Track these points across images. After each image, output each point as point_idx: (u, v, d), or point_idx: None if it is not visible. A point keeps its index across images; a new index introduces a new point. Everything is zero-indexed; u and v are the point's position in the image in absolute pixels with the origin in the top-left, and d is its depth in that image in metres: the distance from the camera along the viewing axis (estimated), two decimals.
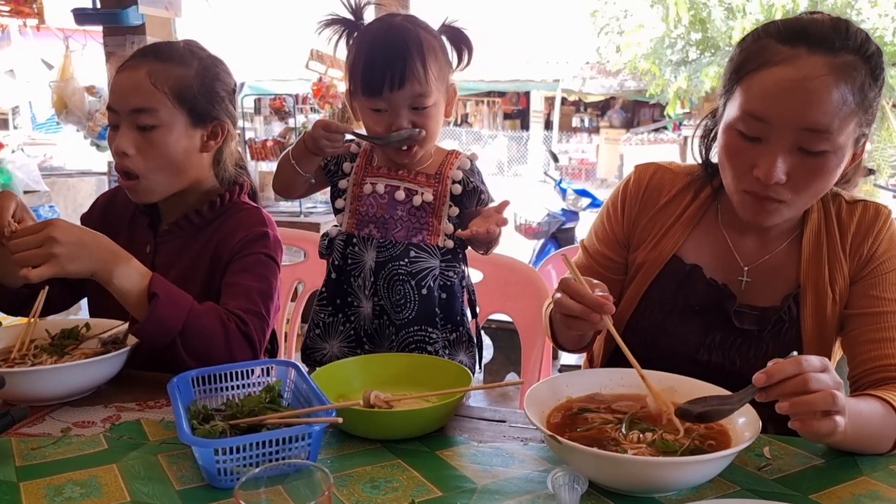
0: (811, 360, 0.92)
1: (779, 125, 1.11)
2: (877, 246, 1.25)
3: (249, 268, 1.45)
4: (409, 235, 1.44)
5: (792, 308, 1.28)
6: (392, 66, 1.32)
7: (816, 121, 1.08)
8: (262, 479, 0.80)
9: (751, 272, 1.31)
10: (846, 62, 1.09)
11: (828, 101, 1.08)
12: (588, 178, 15.55)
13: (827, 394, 0.90)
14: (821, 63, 1.09)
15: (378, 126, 1.39)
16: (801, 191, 1.15)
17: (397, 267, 1.43)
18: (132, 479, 1.00)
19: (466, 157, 1.51)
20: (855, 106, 1.10)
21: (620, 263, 1.42)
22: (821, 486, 0.99)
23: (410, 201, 1.44)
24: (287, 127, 5.25)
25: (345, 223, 1.49)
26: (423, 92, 1.35)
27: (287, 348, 2.17)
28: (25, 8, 3.89)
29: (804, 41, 1.11)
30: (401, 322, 1.45)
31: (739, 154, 1.17)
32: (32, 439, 1.12)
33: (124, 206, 1.61)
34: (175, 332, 1.29)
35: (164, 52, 1.48)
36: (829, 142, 1.10)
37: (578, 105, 19.05)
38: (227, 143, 1.56)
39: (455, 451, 1.09)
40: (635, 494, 0.96)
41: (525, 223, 6.56)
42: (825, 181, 1.15)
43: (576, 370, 1.36)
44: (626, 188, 1.42)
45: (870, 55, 1.12)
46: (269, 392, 1.15)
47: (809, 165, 1.12)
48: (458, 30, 1.42)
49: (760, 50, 1.14)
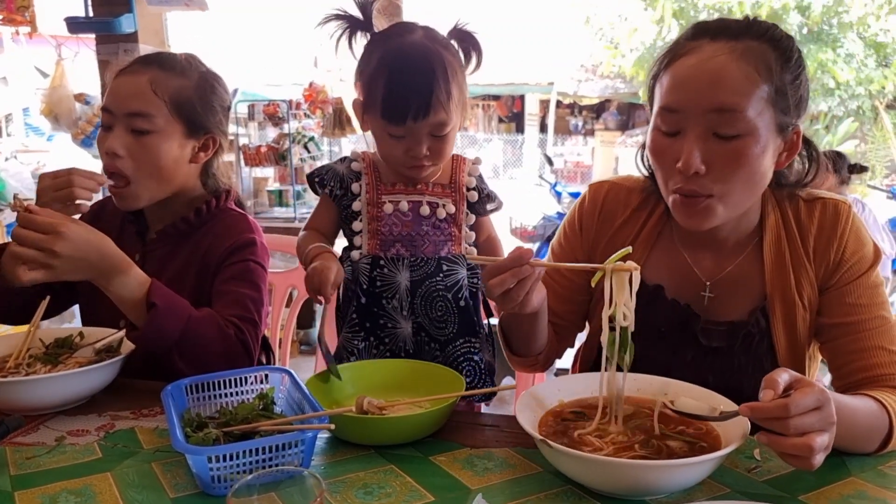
0: (801, 401, 0.89)
1: (689, 112, 1.12)
2: (843, 248, 1.23)
3: (240, 275, 1.46)
4: (437, 250, 1.42)
5: (760, 320, 1.26)
6: (418, 97, 1.28)
7: (722, 100, 1.09)
8: (255, 486, 0.81)
9: (713, 287, 1.29)
10: (749, 46, 1.11)
11: (730, 79, 1.09)
12: (584, 180, 15.56)
13: (803, 444, 0.89)
14: (721, 46, 1.12)
15: (395, 151, 1.36)
16: (725, 180, 1.13)
17: (434, 283, 1.41)
18: (126, 487, 1.00)
19: (473, 163, 1.50)
20: (766, 86, 1.10)
21: (581, 285, 1.40)
22: (810, 487, 1.00)
23: (434, 215, 1.42)
24: (281, 132, 5.26)
25: (365, 245, 1.43)
26: (446, 120, 1.32)
27: (282, 354, 2.17)
28: (18, 16, 3.88)
29: (706, 34, 1.15)
30: (445, 338, 1.43)
31: (663, 152, 1.17)
32: (27, 448, 1.12)
33: (113, 216, 1.62)
34: (172, 341, 1.29)
35: (167, 61, 1.50)
36: (741, 123, 1.09)
37: (573, 108, 19.07)
38: (217, 156, 1.58)
39: (448, 457, 1.10)
40: (626, 497, 0.97)
41: (520, 226, 6.58)
42: (747, 167, 1.13)
43: (568, 374, 1.36)
44: (582, 209, 1.40)
45: (777, 39, 1.14)
46: (262, 399, 1.15)
47: (727, 151, 1.11)
48: (469, 33, 1.39)
49: (671, 50, 1.18)
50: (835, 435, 0.93)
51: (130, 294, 1.30)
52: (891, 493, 0.99)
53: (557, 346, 1.44)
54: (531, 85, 16.78)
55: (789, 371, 0.95)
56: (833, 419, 0.92)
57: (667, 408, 1.07)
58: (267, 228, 1.60)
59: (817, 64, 11.72)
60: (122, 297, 1.30)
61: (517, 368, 1.46)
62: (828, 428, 0.91)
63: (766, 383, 0.92)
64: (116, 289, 1.29)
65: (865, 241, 1.24)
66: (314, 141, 5.32)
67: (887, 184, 11.33)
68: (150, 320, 1.28)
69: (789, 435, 0.90)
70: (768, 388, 0.91)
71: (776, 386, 0.91)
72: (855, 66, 11.97)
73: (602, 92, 16.08)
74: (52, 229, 1.20)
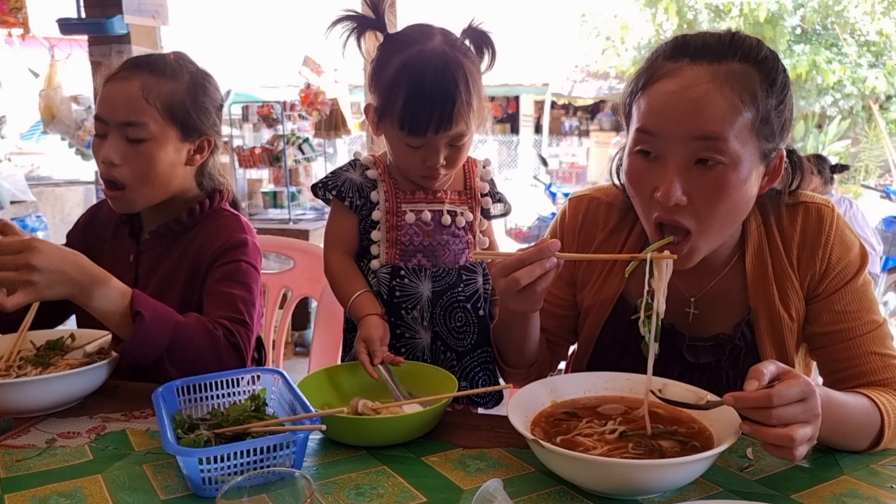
0: (785, 392, 0.90)
1: (669, 138, 1.07)
2: (828, 255, 1.19)
3: (231, 275, 1.45)
4: (456, 259, 1.40)
5: (746, 333, 1.25)
6: (440, 110, 1.25)
7: (704, 128, 1.04)
8: (245, 487, 0.80)
9: (698, 303, 1.27)
10: (731, 69, 1.06)
11: (713, 107, 1.04)
12: (579, 181, 15.59)
13: (785, 435, 0.89)
14: (703, 71, 1.06)
15: (411, 160, 1.34)
16: (707, 212, 1.09)
17: (455, 294, 1.39)
18: (117, 489, 1.00)
19: (484, 167, 1.48)
20: (750, 114, 1.05)
21: (567, 301, 1.39)
22: (802, 486, 1.00)
23: (454, 223, 1.40)
24: (276, 134, 5.25)
25: (383, 254, 1.40)
26: (466, 132, 1.31)
27: (275, 356, 2.17)
28: (10, 18, 3.88)
29: (686, 54, 1.08)
30: (463, 349, 1.41)
31: (641, 177, 1.13)
32: (17, 451, 1.12)
33: (108, 217, 1.62)
34: (162, 349, 1.28)
35: (156, 65, 1.48)
36: (724, 152, 1.05)
37: (568, 108, 19.08)
38: (212, 157, 1.58)
39: (441, 457, 1.09)
40: (619, 497, 0.97)
41: (515, 227, 6.59)
42: (730, 199, 1.09)
43: (560, 375, 1.36)
44: (563, 225, 1.39)
45: (761, 59, 1.08)
46: (254, 400, 1.15)
47: (709, 181, 1.07)
48: (484, 33, 1.35)
49: (649, 69, 1.12)
50: (821, 431, 0.93)
51: (114, 306, 1.26)
52: (883, 491, 0.99)
53: (551, 358, 1.43)
54: (526, 86, 16.79)
55: (776, 362, 0.95)
56: (817, 412, 0.92)
57: (655, 396, 1.07)
58: (261, 230, 1.59)
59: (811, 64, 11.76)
60: (105, 311, 1.26)
61: (512, 381, 1.42)
62: (811, 420, 0.92)
63: (752, 373, 0.93)
64: (99, 303, 1.25)
65: (851, 245, 1.21)
66: (308, 142, 5.32)
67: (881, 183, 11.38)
68: (138, 331, 1.25)
69: (772, 425, 0.90)
70: (753, 379, 0.92)
71: (761, 377, 0.92)
72: (848, 66, 12.02)
73: (597, 93, 16.11)
74: (24, 246, 1.17)
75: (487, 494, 0.89)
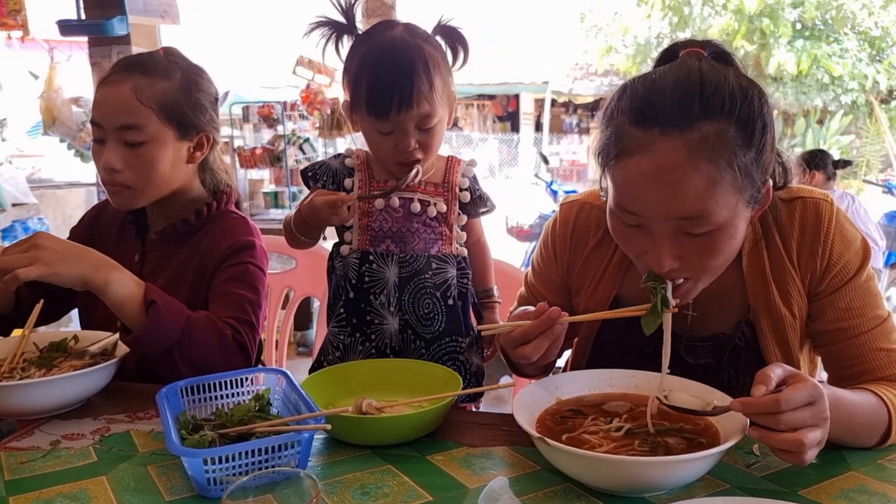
0: (793, 397, 0.88)
1: (651, 217, 1.03)
2: (829, 252, 1.17)
3: (239, 277, 1.45)
4: (426, 248, 1.43)
5: (746, 332, 1.23)
6: (400, 89, 1.29)
7: (686, 210, 1.00)
8: (251, 487, 0.80)
9: (696, 305, 1.24)
10: (705, 135, 0.97)
11: (692, 189, 0.98)
12: (579, 179, 15.58)
13: (794, 440, 0.88)
14: (676, 146, 0.98)
15: (384, 147, 1.38)
16: (700, 269, 1.08)
17: (423, 281, 1.42)
18: (122, 490, 1.00)
19: (467, 164, 1.50)
20: (730, 176, 0.99)
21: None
22: (810, 482, 0.99)
23: (425, 213, 1.43)
24: (276, 134, 5.25)
25: (355, 240, 1.44)
26: (431, 112, 1.33)
27: (278, 355, 2.17)
28: (10, 20, 3.87)
29: (655, 122, 0.99)
30: (431, 336, 1.43)
31: (629, 241, 1.10)
32: (21, 453, 1.11)
33: (113, 217, 1.62)
34: (173, 339, 1.28)
35: (147, 65, 1.46)
36: (709, 222, 1.01)
37: (568, 106, 19.10)
38: (212, 152, 1.57)
39: (446, 456, 1.09)
40: (625, 494, 0.96)
41: (517, 225, 6.58)
42: (724, 254, 1.07)
43: (565, 372, 1.35)
44: (554, 231, 1.38)
45: (737, 108, 0.99)
46: (258, 400, 1.15)
47: (699, 245, 1.04)
48: (454, 29, 1.40)
49: (617, 134, 1.04)
50: (830, 430, 0.92)
51: (129, 292, 1.27)
52: (891, 486, 0.99)
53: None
54: (526, 84, 16.81)
55: (783, 366, 0.94)
56: (826, 415, 0.91)
57: (661, 403, 1.06)
58: (263, 230, 1.59)
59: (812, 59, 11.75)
60: (122, 296, 1.26)
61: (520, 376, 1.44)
62: (820, 423, 0.91)
63: (759, 378, 0.92)
64: (115, 287, 1.26)
65: (852, 240, 1.18)
66: (309, 142, 5.32)
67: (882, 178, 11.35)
68: (152, 317, 1.25)
69: (781, 430, 0.89)
70: (760, 384, 0.91)
71: (768, 381, 0.91)
72: (849, 61, 12.01)
73: (597, 90, 16.10)
74: (27, 239, 1.23)
75: (493, 493, 0.89)
